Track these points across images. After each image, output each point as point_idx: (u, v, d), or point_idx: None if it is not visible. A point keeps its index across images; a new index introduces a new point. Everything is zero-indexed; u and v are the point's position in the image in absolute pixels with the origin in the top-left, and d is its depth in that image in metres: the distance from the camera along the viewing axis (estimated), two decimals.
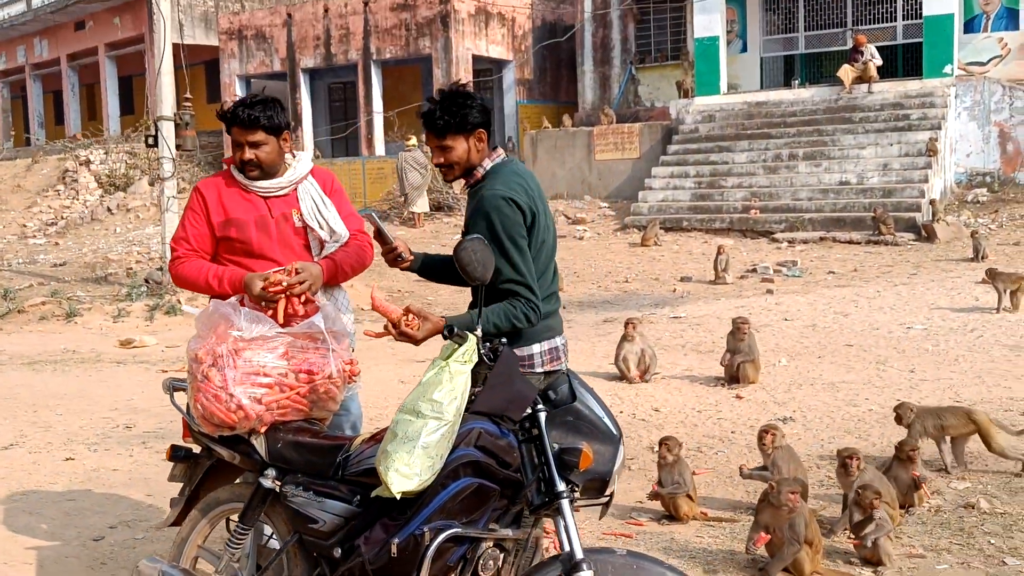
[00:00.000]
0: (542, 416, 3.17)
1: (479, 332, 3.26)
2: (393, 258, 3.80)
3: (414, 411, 3.03)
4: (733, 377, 9.20)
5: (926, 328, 11.58)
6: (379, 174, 26.19)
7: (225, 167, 4.32)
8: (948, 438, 6.69)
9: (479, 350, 3.19)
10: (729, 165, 21.66)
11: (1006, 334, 11.01)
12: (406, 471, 2.97)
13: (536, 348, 3.75)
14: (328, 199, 4.25)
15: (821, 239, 18.63)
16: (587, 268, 18.07)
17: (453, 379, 3.04)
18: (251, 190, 4.24)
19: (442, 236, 21.34)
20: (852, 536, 5.30)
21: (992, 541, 5.41)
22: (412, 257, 3.89)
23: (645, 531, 5.73)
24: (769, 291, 14.86)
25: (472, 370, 3.16)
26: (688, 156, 22.41)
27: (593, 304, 14.85)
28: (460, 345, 3.13)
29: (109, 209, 26.81)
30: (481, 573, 3.24)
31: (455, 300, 14.67)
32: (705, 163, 21.99)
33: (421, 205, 22.53)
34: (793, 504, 4.84)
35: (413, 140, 22.90)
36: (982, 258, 15.51)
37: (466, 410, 3.19)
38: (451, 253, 4.19)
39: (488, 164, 3.85)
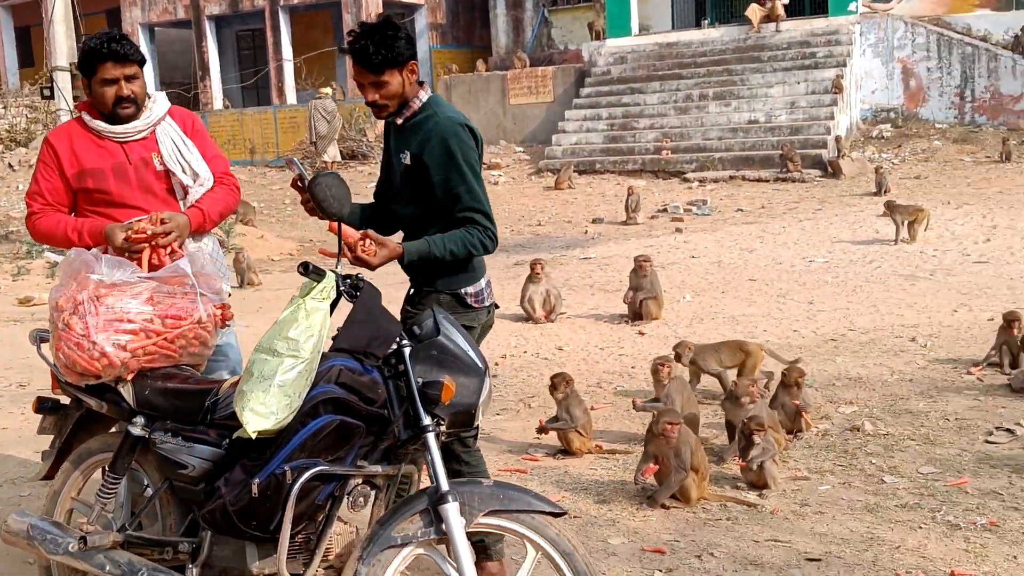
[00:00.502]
0: (407, 351, 3.16)
1: (339, 269, 3.22)
2: (311, 208, 3.65)
3: (270, 350, 2.99)
4: (636, 314, 9.30)
5: (827, 261, 11.84)
6: (291, 123, 25.72)
7: (78, 113, 4.13)
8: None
9: (339, 287, 3.15)
10: (641, 107, 21.73)
11: (903, 264, 11.31)
12: (262, 410, 2.94)
13: (483, 282, 3.88)
14: (189, 140, 4.11)
15: (731, 178, 18.85)
16: (501, 213, 18.02)
17: (309, 316, 3.00)
18: (105, 136, 4.05)
19: (356, 185, 21.09)
20: (740, 460, 5.44)
21: (873, 461, 5.59)
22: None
23: (540, 466, 5.79)
24: (678, 230, 15.02)
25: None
26: (601, 99, 22.42)
27: (505, 248, 14.83)
28: (317, 282, 3.09)
29: (11, 165, 25.87)
30: (351, 511, 3.24)
31: None
32: (617, 105, 22.03)
33: (332, 154, 22.21)
34: (669, 434, 4.93)
35: (328, 89, 22.54)
36: (885, 192, 15.86)
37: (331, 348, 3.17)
38: (369, 201, 4.14)
39: (424, 96, 3.79)
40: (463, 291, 3.83)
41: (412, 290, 3.94)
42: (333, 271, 3.14)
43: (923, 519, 4.75)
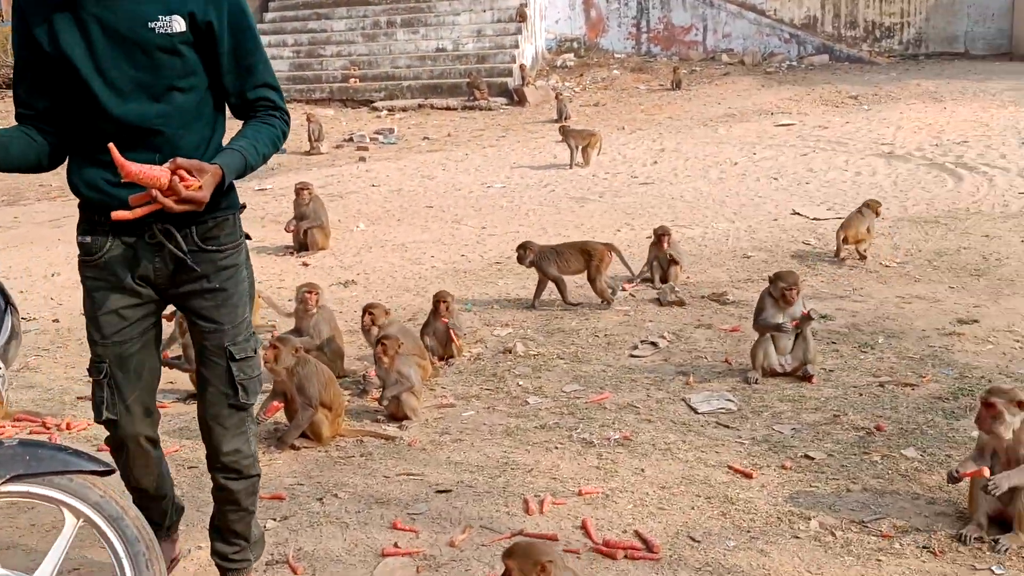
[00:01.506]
0: None
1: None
2: None
3: None
4: (302, 245, 8.79)
5: (505, 186, 11.81)
6: None
7: None
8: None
9: None
10: (328, 33, 20.92)
11: (575, 187, 11.46)
12: None
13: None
14: None
15: (419, 106, 18.55)
16: None
17: None
18: None
19: None
20: (374, 395, 5.13)
21: (521, 383, 5.45)
22: None
23: (169, 412, 5.21)
24: (362, 159, 14.54)
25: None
26: (286, 24, 21.37)
27: None
28: None
29: None
30: None
31: None
32: (303, 31, 21.09)
33: None
34: (271, 365, 4.54)
35: None
36: (565, 119, 16.10)
37: None
38: None
39: None
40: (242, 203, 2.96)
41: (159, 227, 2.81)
42: None
43: (560, 439, 4.64)
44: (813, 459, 4.31)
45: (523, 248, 6.85)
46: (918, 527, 3.69)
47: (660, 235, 7.21)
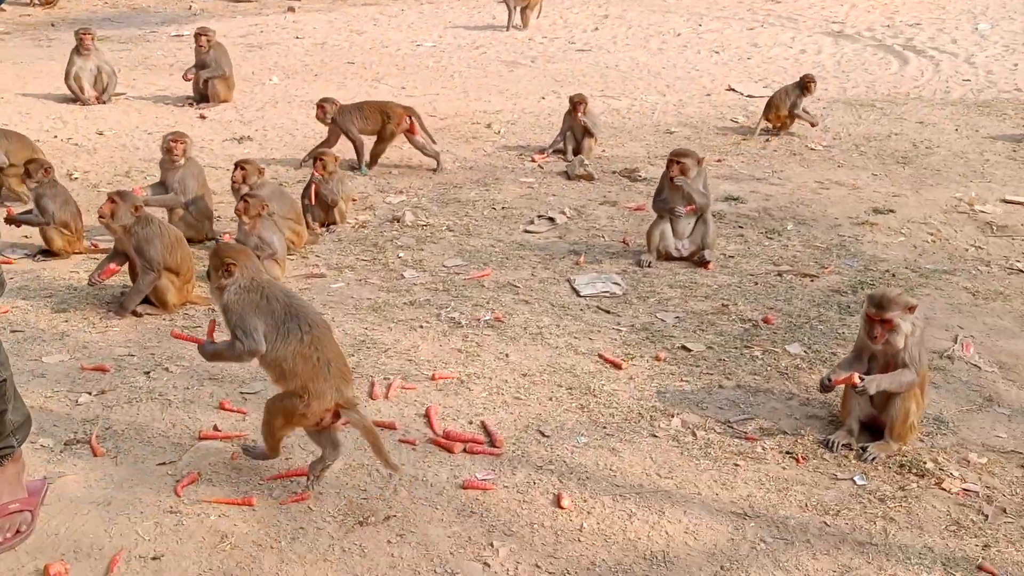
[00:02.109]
0: None
1: None
2: None
3: None
4: (203, 96, 8.21)
5: (435, 46, 11.18)
6: None
7: None
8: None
9: None
10: None
11: (508, 51, 10.88)
12: None
13: None
14: None
15: None
16: None
17: None
18: None
19: None
20: None
21: (401, 255, 5.08)
22: None
23: (14, 268, 4.78)
24: (291, 8, 13.74)
25: None
26: None
27: (93, 21, 12.92)
28: None
29: None
30: None
31: None
32: None
33: None
34: (106, 222, 4.14)
35: None
36: None
37: None
38: None
39: None
40: None
41: None
42: None
43: (427, 317, 4.30)
44: (690, 351, 4.02)
45: (324, 103, 6.42)
46: (785, 430, 3.43)
47: (575, 103, 6.76)
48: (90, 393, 3.56)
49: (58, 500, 2.90)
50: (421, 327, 4.20)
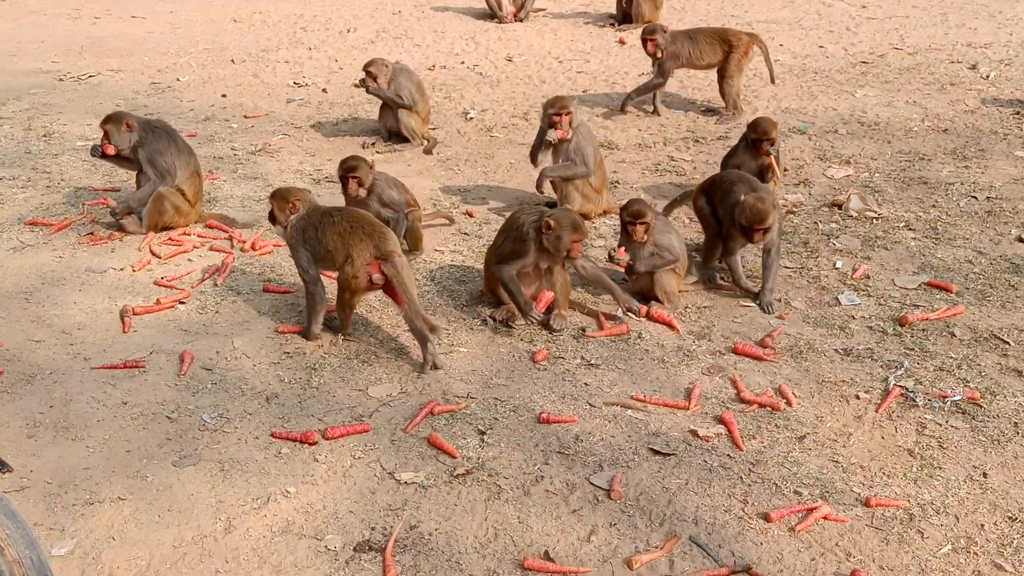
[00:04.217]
0: None
1: None
2: None
3: None
4: (626, 15, 7.23)
5: None
6: None
7: None
8: None
9: None
10: None
11: None
12: None
13: None
14: None
15: None
16: None
17: None
18: None
19: None
20: None
21: (839, 264, 3.80)
22: None
23: None
24: None
25: None
26: None
27: None
28: None
29: None
30: None
31: None
32: None
33: None
34: None
35: None
36: None
37: None
38: None
39: None
40: None
41: None
42: None
43: (867, 379, 3.05)
44: None
45: (652, 35, 5.47)
46: None
47: None
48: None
49: None
50: (856, 398, 2.97)
